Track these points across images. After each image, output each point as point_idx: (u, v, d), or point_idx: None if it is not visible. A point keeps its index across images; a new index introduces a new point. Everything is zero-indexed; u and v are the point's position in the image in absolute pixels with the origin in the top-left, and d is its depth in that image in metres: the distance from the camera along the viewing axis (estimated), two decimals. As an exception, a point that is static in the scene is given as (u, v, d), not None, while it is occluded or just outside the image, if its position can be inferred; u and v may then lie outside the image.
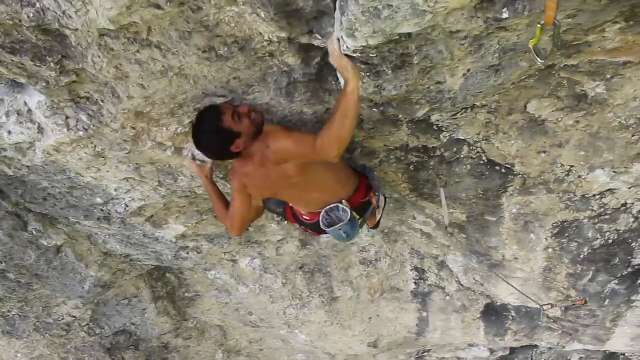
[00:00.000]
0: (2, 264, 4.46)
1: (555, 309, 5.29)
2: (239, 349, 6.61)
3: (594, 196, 3.97)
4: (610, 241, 4.33)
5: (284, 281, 5.49)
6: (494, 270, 5.01)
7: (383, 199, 3.88)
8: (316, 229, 3.50)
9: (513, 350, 6.96)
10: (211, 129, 2.85)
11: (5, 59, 2.59)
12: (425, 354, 7.19)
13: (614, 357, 6.60)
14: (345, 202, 3.34)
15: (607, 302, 5.03)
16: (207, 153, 3.15)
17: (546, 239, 4.45)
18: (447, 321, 6.05)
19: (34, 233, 4.32)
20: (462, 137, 3.60)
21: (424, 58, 2.56)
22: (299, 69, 2.80)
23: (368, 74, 2.68)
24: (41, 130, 3.11)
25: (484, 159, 3.80)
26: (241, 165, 3.13)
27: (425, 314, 6.06)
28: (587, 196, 3.98)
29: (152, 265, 5.01)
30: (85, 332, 5.52)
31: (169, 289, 5.64)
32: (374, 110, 3.20)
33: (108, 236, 4.42)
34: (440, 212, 4.44)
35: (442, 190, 4.07)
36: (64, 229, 4.45)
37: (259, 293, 5.59)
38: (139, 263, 4.97)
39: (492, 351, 6.99)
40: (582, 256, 4.52)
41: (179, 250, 4.59)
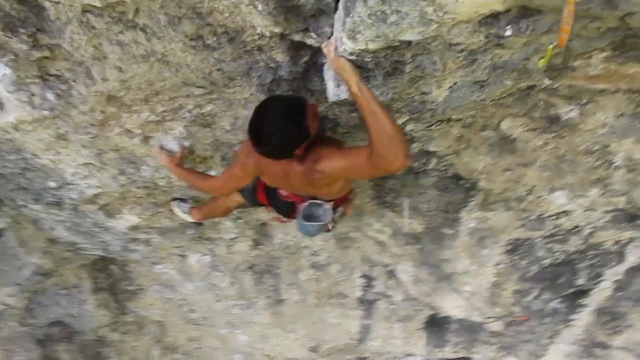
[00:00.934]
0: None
1: (497, 323, 5.42)
2: (176, 346, 6.41)
3: (550, 217, 4.09)
4: (558, 261, 4.48)
5: (232, 280, 5.36)
6: (444, 282, 5.08)
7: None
8: (288, 210, 3.26)
9: (447, 361, 7.10)
10: (292, 120, 2.39)
11: (-29, 25, 2.40)
12: (362, 361, 7.21)
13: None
14: (331, 204, 3.17)
15: (547, 320, 5.20)
16: (267, 147, 2.48)
17: (498, 255, 4.55)
18: (389, 329, 6.07)
19: (-25, 213, 4.05)
20: (432, 150, 3.62)
21: (416, 67, 2.53)
22: (286, 66, 2.71)
23: (359, 78, 2.63)
24: (1, 105, 2.90)
25: (450, 172, 3.83)
26: (267, 162, 2.70)
27: (368, 322, 6.07)
28: (543, 216, 4.09)
29: (98, 256, 4.77)
30: (17, 322, 5.20)
31: (111, 281, 5.38)
32: (352, 114, 3.15)
33: (56, 222, 4.17)
34: (399, 220, 4.46)
35: (406, 199, 4.09)
36: (8, 211, 4.16)
37: (205, 290, 5.44)
38: (84, 252, 4.72)
39: (427, 361, 7.10)
40: (530, 274, 4.65)
41: (129, 241, 4.40)
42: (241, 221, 4.69)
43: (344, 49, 2.36)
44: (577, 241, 4.29)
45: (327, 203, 3.13)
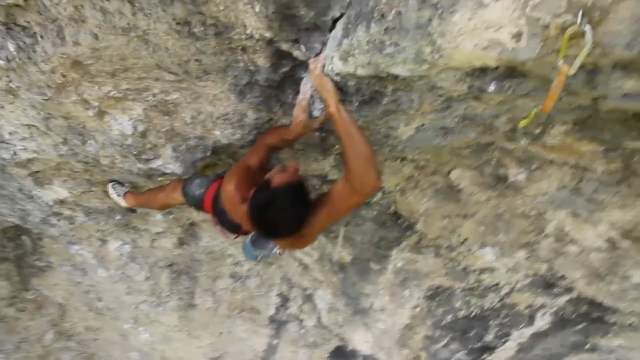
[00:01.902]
0: None
1: (400, 366, 5.51)
2: (73, 333, 6.07)
3: (474, 270, 4.22)
4: (472, 314, 4.62)
5: (147, 275, 5.17)
6: (358, 315, 5.12)
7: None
8: (234, 229, 3.15)
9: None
10: (301, 204, 2.45)
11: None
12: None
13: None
14: None
15: (449, 369, 5.33)
16: (282, 236, 2.62)
17: (418, 299, 4.64)
18: (295, 353, 6.04)
19: None
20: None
21: (393, 101, 2.57)
22: (264, 72, 2.68)
23: (335, 100, 2.64)
24: (-46, 44, 2.69)
25: (392, 209, 3.90)
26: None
27: (276, 342, 6.02)
28: (468, 269, 4.22)
29: (12, 223, 4.47)
30: None
31: (20, 252, 5.02)
32: (315, 134, 3.16)
33: (-23, 180, 3.89)
34: (329, 247, 4.48)
35: (342, 228, 4.11)
36: None
37: (117, 280, 5.21)
38: (-2, 217, 4.42)
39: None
40: (444, 322, 4.77)
41: (51, 214, 4.14)
42: (172, 217, 4.56)
43: (332, 68, 2.37)
44: (494, 298, 4.45)
45: None
